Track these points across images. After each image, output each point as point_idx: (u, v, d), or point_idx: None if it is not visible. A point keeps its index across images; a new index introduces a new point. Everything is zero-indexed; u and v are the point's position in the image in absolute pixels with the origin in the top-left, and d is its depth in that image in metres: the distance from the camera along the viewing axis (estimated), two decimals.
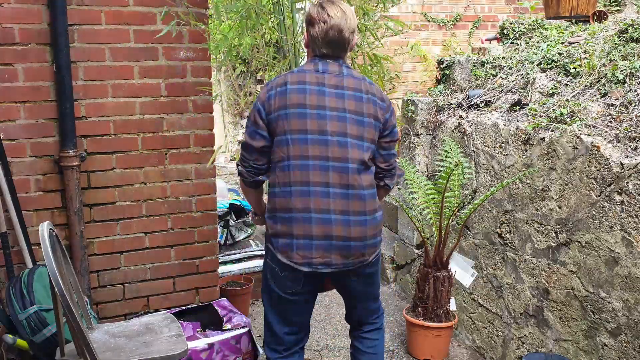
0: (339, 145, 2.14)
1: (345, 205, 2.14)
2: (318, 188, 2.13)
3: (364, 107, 2.19)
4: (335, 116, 2.15)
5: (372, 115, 2.20)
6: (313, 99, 2.15)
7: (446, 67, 3.93)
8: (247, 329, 3.07)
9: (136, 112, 3.07)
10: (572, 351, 2.73)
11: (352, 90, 2.20)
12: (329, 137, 2.14)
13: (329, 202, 2.13)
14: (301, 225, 2.13)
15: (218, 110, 8.95)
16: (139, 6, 2.98)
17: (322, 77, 2.19)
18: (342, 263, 2.18)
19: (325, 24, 2.16)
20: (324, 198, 2.13)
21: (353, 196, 2.15)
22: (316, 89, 2.17)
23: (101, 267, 3.14)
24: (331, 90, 2.18)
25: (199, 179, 3.26)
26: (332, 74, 2.21)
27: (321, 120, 2.14)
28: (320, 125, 2.14)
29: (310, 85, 2.17)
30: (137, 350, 2.23)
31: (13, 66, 2.80)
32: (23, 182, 2.90)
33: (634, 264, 2.38)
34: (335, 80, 2.20)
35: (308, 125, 2.13)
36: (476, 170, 3.36)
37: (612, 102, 2.70)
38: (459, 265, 3.41)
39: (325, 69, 2.21)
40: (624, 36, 3.01)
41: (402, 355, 3.39)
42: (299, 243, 2.14)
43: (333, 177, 2.14)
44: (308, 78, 2.19)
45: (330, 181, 2.13)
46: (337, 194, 2.14)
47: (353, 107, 2.18)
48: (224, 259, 3.81)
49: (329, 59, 2.23)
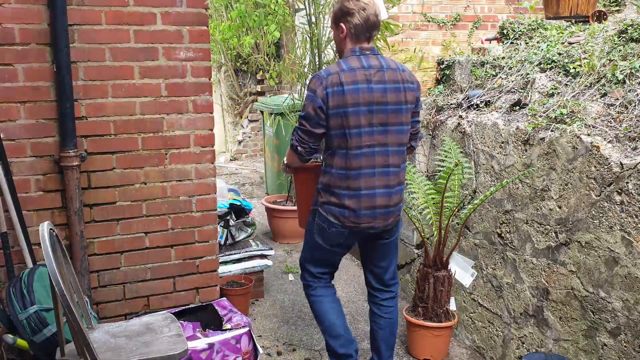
0: (382, 133, 2.60)
1: (386, 180, 2.64)
2: (367, 170, 2.61)
3: (401, 96, 2.62)
4: (381, 109, 2.58)
5: (408, 102, 2.66)
6: (365, 97, 2.55)
7: (446, 67, 3.93)
8: (247, 328, 3.07)
9: (136, 112, 3.07)
10: (572, 351, 2.73)
11: (392, 83, 2.60)
12: (375, 127, 2.58)
13: (374, 180, 2.62)
14: (353, 200, 2.62)
15: (218, 110, 8.95)
16: (139, 6, 2.98)
17: (369, 73, 2.57)
18: (383, 225, 2.70)
19: (365, 11, 2.54)
20: (370, 177, 2.61)
21: (392, 173, 2.66)
22: (366, 87, 2.55)
23: (101, 267, 3.14)
24: (377, 87, 2.57)
25: (199, 179, 3.26)
26: (375, 68, 2.59)
27: (370, 115, 2.57)
28: (370, 119, 2.57)
29: (362, 84, 2.55)
30: (137, 350, 2.23)
31: (13, 66, 2.81)
32: (23, 182, 2.90)
33: (634, 263, 2.38)
34: (378, 76, 2.58)
35: (362, 121, 2.56)
36: (476, 170, 3.36)
37: (612, 102, 2.70)
38: (458, 265, 3.42)
39: (369, 64, 2.59)
40: (624, 36, 3.01)
41: (402, 355, 3.40)
42: (350, 213, 2.64)
43: (377, 160, 2.61)
44: (359, 77, 2.55)
45: (376, 164, 2.61)
46: (380, 172, 2.63)
47: (394, 99, 2.60)
48: (224, 259, 3.81)
49: (366, 50, 2.62)
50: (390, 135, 2.62)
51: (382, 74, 2.58)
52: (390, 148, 2.63)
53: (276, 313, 3.90)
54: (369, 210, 2.63)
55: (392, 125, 2.62)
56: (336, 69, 2.57)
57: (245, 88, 8.84)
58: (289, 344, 3.50)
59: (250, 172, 8.06)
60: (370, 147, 2.59)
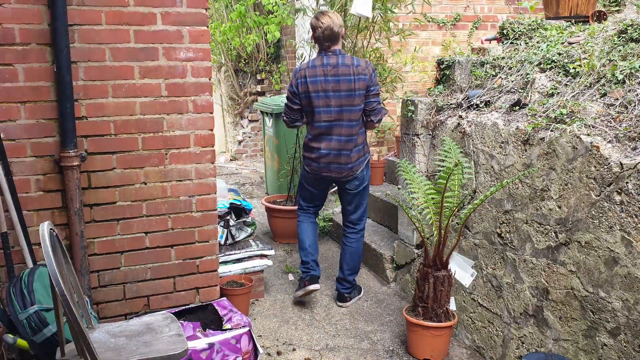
0: (338, 112, 3.67)
1: (338, 144, 3.71)
2: (325, 136, 3.72)
3: (352, 85, 3.62)
4: (335, 95, 3.65)
5: (359, 89, 3.64)
6: (322, 86, 3.66)
7: (446, 68, 3.93)
8: (247, 328, 3.07)
9: (136, 112, 3.08)
10: (571, 351, 2.73)
11: (345, 76, 3.63)
12: (332, 108, 3.67)
13: (330, 144, 3.72)
14: (316, 155, 3.77)
15: (218, 110, 8.94)
16: (139, 6, 2.98)
17: (326, 69, 3.65)
18: (336, 175, 3.80)
19: (321, 28, 3.63)
20: (328, 142, 3.72)
21: (343, 140, 3.71)
22: (323, 79, 3.65)
23: (101, 267, 3.14)
24: (332, 79, 3.64)
25: (199, 179, 3.27)
26: (331, 65, 3.65)
27: (327, 99, 3.67)
28: (327, 102, 3.67)
29: (319, 77, 3.66)
30: (137, 350, 2.23)
31: (13, 66, 2.81)
32: (23, 182, 2.91)
33: (634, 263, 2.38)
34: (333, 71, 3.64)
35: (321, 103, 3.68)
36: (476, 170, 3.36)
37: (612, 102, 2.70)
38: (458, 265, 3.42)
39: (328, 62, 3.66)
40: (624, 36, 3.02)
41: (402, 355, 3.40)
42: (315, 164, 3.81)
43: (333, 130, 3.70)
44: (318, 72, 3.66)
45: (332, 133, 3.71)
46: (335, 139, 3.71)
47: (346, 87, 3.63)
48: (224, 259, 3.82)
49: (329, 51, 3.68)
50: (344, 114, 3.66)
51: (337, 70, 3.63)
52: (344, 123, 3.68)
53: (276, 313, 3.90)
54: (325, 164, 3.77)
55: (345, 106, 3.65)
56: (305, 66, 3.72)
57: (245, 88, 8.84)
58: (289, 344, 3.50)
59: (250, 172, 8.06)
60: (327, 121, 3.69)
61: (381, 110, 3.74)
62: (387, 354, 3.40)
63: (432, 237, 3.56)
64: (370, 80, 3.63)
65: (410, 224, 4.02)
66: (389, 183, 5.57)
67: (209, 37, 3.18)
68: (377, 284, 4.40)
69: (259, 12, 7.69)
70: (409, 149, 3.98)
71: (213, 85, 5.23)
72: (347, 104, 3.63)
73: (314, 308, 3.98)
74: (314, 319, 3.82)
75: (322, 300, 4.11)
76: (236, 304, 3.46)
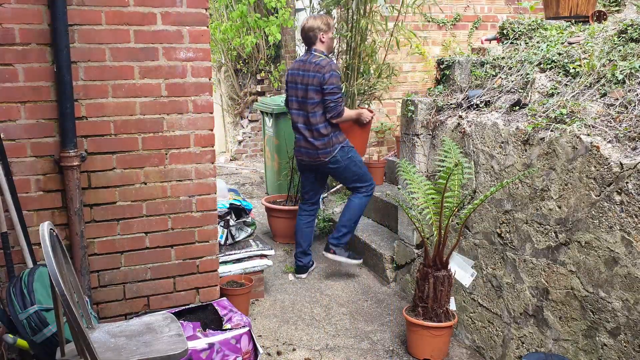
0: (302, 102, 4.20)
1: (305, 132, 4.24)
2: (297, 124, 4.29)
3: (310, 80, 4.12)
4: (301, 87, 4.20)
5: (313, 84, 4.11)
6: (294, 79, 4.26)
7: (446, 68, 3.93)
8: (247, 328, 3.07)
9: (136, 112, 3.08)
10: (571, 351, 2.73)
11: (308, 72, 4.14)
12: (299, 98, 4.23)
13: (300, 131, 4.27)
14: (296, 141, 4.37)
15: (218, 110, 8.94)
16: (139, 6, 2.98)
17: (300, 64, 4.24)
18: (309, 161, 4.32)
19: (302, 31, 4.26)
20: (299, 130, 4.28)
21: (307, 128, 4.22)
22: (296, 72, 4.24)
23: (101, 267, 3.14)
24: (301, 72, 4.20)
25: (199, 179, 3.27)
26: (304, 62, 4.22)
27: (295, 90, 4.25)
28: (295, 93, 4.25)
29: (295, 70, 4.26)
30: (137, 350, 2.23)
31: (13, 66, 2.81)
32: (23, 182, 2.91)
33: (634, 263, 2.38)
34: (303, 67, 4.20)
35: (291, 93, 4.30)
36: (476, 170, 3.36)
37: (612, 102, 2.70)
38: (458, 265, 3.42)
39: (303, 58, 4.26)
40: (624, 36, 3.02)
41: (402, 354, 3.40)
42: (296, 150, 4.42)
43: (301, 119, 4.25)
44: (295, 66, 4.29)
45: (300, 121, 4.25)
46: (302, 128, 4.25)
47: (307, 81, 4.15)
48: (224, 259, 3.82)
49: (308, 50, 4.26)
50: (304, 105, 4.18)
51: (305, 65, 4.18)
52: (305, 113, 4.20)
53: (276, 313, 3.90)
54: (298, 148, 4.35)
55: (305, 98, 4.17)
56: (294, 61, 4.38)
57: (245, 88, 8.84)
58: (289, 344, 3.50)
59: (250, 172, 8.06)
60: (295, 109, 4.27)
61: (335, 108, 4.10)
62: (387, 354, 3.40)
63: (432, 237, 3.56)
64: (324, 79, 4.04)
65: (410, 224, 4.02)
66: (389, 183, 5.57)
67: (209, 37, 3.18)
68: (377, 284, 4.40)
69: (259, 11, 7.69)
70: (409, 149, 3.98)
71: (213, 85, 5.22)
72: (305, 96, 4.15)
73: (314, 308, 3.98)
74: (314, 319, 3.82)
75: (322, 300, 4.11)
76: (236, 304, 3.46)
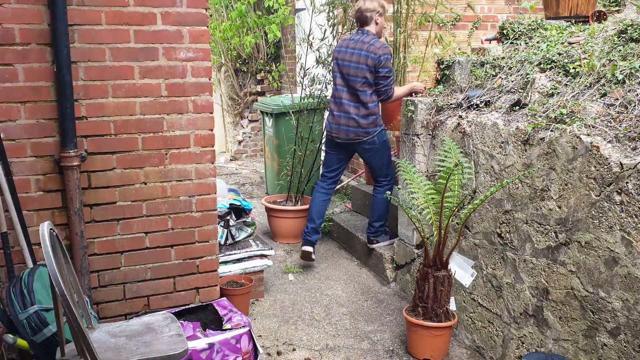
0: (350, 80, 4.27)
1: (346, 108, 4.30)
2: (338, 100, 4.35)
3: (360, 58, 4.20)
4: (349, 65, 4.26)
5: (364, 63, 4.18)
6: (342, 56, 4.31)
7: (446, 68, 3.93)
8: (247, 328, 3.07)
9: (136, 112, 3.08)
10: (571, 351, 2.73)
11: (360, 50, 4.21)
12: (345, 75, 4.30)
13: (341, 107, 4.33)
14: (330, 117, 4.44)
15: (218, 110, 8.94)
16: (139, 6, 2.98)
17: (350, 42, 4.30)
18: (345, 138, 4.36)
19: (353, 11, 4.42)
20: (339, 105, 4.35)
21: (349, 105, 4.29)
22: (344, 50, 4.31)
23: (101, 267, 3.14)
24: (350, 50, 4.27)
25: (199, 179, 3.27)
26: (355, 41, 4.27)
27: (342, 67, 4.31)
28: (341, 69, 4.32)
29: (343, 48, 4.33)
30: (137, 350, 2.23)
31: (13, 66, 2.81)
32: (23, 182, 2.91)
33: (634, 263, 2.38)
34: (352, 45, 4.27)
35: (337, 69, 4.35)
36: (476, 170, 3.36)
37: (612, 102, 2.70)
38: (458, 265, 3.42)
39: (354, 37, 4.31)
40: (624, 36, 3.01)
41: (402, 355, 3.40)
42: (328, 125, 4.46)
43: (343, 95, 4.32)
44: (344, 44, 4.35)
45: (342, 97, 4.33)
46: (345, 103, 4.31)
47: (357, 59, 4.21)
48: (224, 259, 3.82)
49: (359, 30, 4.32)
50: (350, 82, 4.25)
51: (355, 44, 4.24)
52: (350, 90, 4.26)
53: (276, 313, 3.90)
54: (336, 125, 4.37)
55: (352, 76, 4.24)
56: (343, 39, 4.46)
57: (245, 88, 8.84)
58: (289, 344, 3.50)
59: (250, 172, 8.06)
60: (342, 86, 4.32)
61: (387, 92, 4.23)
62: (387, 354, 3.40)
63: (432, 237, 3.56)
64: (379, 61, 4.11)
65: (410, 224, 4.02)
66: None
67: (209, 37, 3.18)
68: (377, 284, 4.40)
69: (259, 11, 7.69)
70: (409, 149, 3.98)
71: (213, 85, 5.23)
72: (353, 74, 4.21)
73: (314, 308, 3.98)
74: (314, 319, 3.82)
75: (322, 300, 4.11)
76: (236, 304, 3.46)
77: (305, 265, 4.72)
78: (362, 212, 5.47)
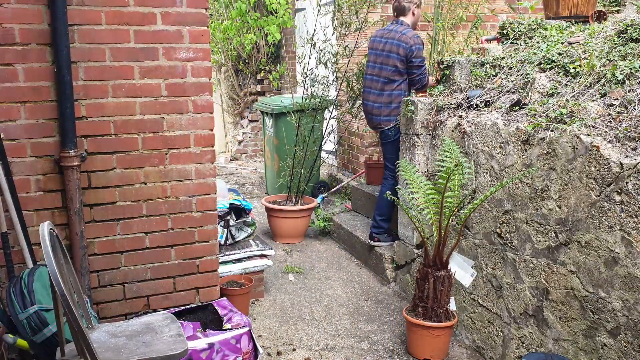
0: (380, 69, 4.38)
1: (373, 97, 4.44)
2: (367, 88, 4.51)
3: (392, 47, 4.28)
4: (380, 54, 4.37)
5: (395, 52, 4.26)
6: (375, 45, 4.44)
7: (446, 68, 3.93)
8: (247, 328, 3.07)
9: (136, 112, 3.08)
10: (571, 351, 2.73)
11: (393, 39, 4.28)
12: (377, 64, 4.41)
13: (369, 95, 4.48)
14: (364, 105, 4.60)
15: (218, 110, 8.94)
16: (139, 6, 2.98)
17: (384, 32, 4.40)
18: (371, 124, 4.58)
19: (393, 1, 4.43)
20: (368, 93, 4.50)
21: (376, 93, 4.42)
22: (379, 39, 4.42)
23: (101, 267, 3.14)
24: (383, 39, 4.37)
25: (199, 179, 3.27)
26: (389, 31, 4.36)
27: (374, 56, 4.44)
28: (374, 58, 4.44)
29: (378, 37, 4.44)
30: (137, 350, 2.23)
31: (13, 66, 2.81)
32: (23, 182, 2.91)
33: (634, 263, 2.38)
34: (386, 34, 4.36)
35: (371, 58, 4.48)
36: (476, 170, 3.36)
37: (612, 102, 2.70)
38: (458, 265, 3.42)
39: (388, 27, 4.41)
40: (624, 36, 3.01)
41: (402, 354, 3.40)
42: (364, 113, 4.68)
43: (373, 84, 4.45)
44: (379, 33, 4.47)
45: (371, 86, 4.46)
46: (374, 93, 4.44)
47: (388, 47, 4.30)
48: (224, 259, 3.82)
49: (395, 20, 4.40)
50: (381, 71, 4.35)
51: (389, 33, 4.33)
52: (380, 79, 4.37)
53: (276, 313, 3.90)
54: (365, 113, 4.59)
55: (383, 65, 4.33)
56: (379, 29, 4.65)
57: (245, 88, 8.84)
58: (289, 344, 3.50)
59: (250, 172, 8.06)
60: (370, 74, 4.47)
61: (421, 81, 4.27)
62: (387, 354, 3.40)
63: (432, 237, 3.56)
64: (411, 51, 4.17)
65: (410, 224, 4.02)
66: None
67: (209, 37, 3.18)
68: (377, 284, 4.40)
69: (259, 11, 7.68)
70: (409, 149, 3.98)
71: (213, 85, 5.23)
72: (384, 62, 4.32)
73: (314, 308, 3.98)
74: (314, 319, 3.82)
75: (322, 300, 4.11)
76: (236, 304, 3.46)
77: (305, 265, 4.72)
78: (362, 212, 5.47)
